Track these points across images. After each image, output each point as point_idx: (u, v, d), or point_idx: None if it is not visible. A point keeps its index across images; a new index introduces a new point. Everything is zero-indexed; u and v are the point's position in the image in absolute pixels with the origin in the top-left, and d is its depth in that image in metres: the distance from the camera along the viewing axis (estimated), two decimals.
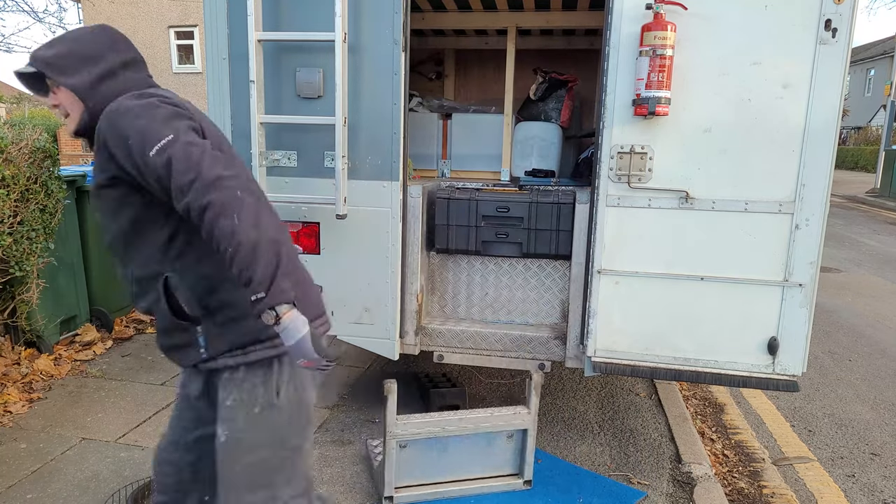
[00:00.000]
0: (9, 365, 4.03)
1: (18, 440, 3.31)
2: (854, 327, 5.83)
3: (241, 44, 3.04)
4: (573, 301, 3.23)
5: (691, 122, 2.79)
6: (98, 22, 17.44)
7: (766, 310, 2.86)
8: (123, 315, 5.15)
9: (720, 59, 2.72)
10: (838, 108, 2.68)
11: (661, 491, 3.02)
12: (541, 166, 4.25)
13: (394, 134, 3.05)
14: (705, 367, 2.95)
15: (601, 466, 3.22)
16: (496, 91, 4.90)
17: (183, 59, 17.86)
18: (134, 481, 2.88)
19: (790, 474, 3.40)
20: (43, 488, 2.89)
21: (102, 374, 4.18)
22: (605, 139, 2.87)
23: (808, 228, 2.76)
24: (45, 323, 4.25)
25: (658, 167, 2.84)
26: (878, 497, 3.19)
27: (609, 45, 2.80)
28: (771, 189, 2.77)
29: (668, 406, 3.92)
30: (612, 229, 2.94)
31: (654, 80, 2.67)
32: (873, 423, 3.99)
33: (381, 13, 2.96)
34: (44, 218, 4.00)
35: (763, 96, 2.72)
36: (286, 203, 3.15)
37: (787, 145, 2.73)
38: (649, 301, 2.95)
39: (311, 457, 1.80)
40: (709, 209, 2.83)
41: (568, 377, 4.35)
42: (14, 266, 3.83)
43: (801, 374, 2.89)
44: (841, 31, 2.61)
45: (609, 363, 3.04)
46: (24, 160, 3.88)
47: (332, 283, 3.22)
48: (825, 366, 4.89)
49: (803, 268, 2.79)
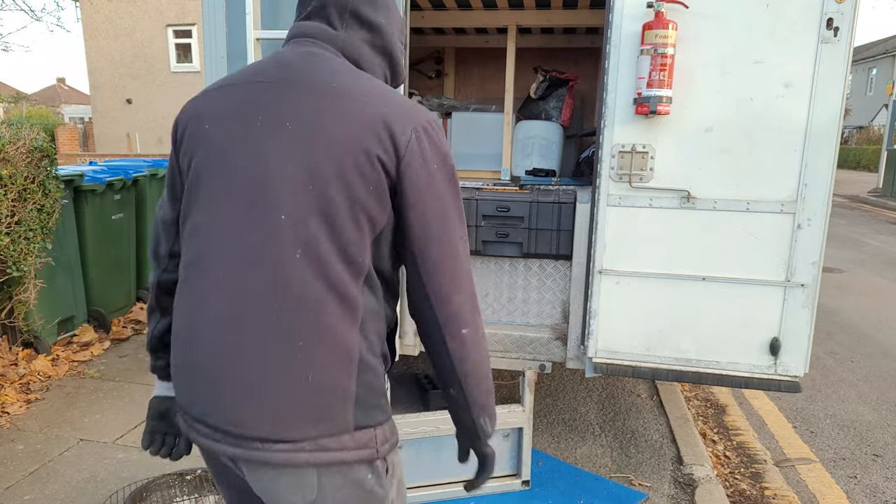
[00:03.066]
0: (6, 366, 4.01)
1: (16, 441, 3.29)
2: (856, 328, 5.81)
3: (239, 42, 3.01)
4: (574, 301, 3.21)
5: (693, 121, 2.77)
6: (97, 21, 17.44)
7: (768, 310, 2.84)
8: (121, 315, 5.13)
9: (722, 58, 2.70)
10: (840, 108, 2.66)
11: (662, 492, 3.00)
12: (541, 165, 4.23)
13: None
14: (707, 367, 2.93)
15: (602, 468, 3.20)
16: (496, 90, 4.88)
17: (181, 57, 17.82)
18: (132, 482, 2.86)
19: (792, 476, 3.38)
20: (41, 489, 2.87)
21: (100, 375, 4.16)
22: (605, 138, 2.85)
23: (810, 228, 2.74)
24: (42, 323, 4.23)
25: (659, 166, 2.82)
26: (880, 498, 3.17)
27: (610, 44, 2.78)
28: (773, 189, 2.75)
29: (670, 407, 3.90)
30: (614, 229, 2.92)
31: (655, 78, 2.65)
32: (875, 424, 3.97)
33: None
34: (41, 218, 3.98)
35: (765, 95, 2.69)
36: None
37: (789, 145, 2.71)
38: (651, 301, 2.93)
39: None
40: (710, 209, 2.81)
41: (569, 378, 4.33)
42: (11, 266, 3.81)
43: (803, 374, 2.87)
44: (843, 29, 2.59)
45: (610, 364, 3.02)
46: (21, 160, 3.87)
47: None
48: (827, 366, 4.87)
49: (805, 268, 2.77)
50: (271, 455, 1.07)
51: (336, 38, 1.23)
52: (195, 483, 2.83)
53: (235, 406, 1.09)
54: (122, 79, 18.00)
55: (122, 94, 18.13)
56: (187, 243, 1.18)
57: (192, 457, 3.19)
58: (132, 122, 18.23)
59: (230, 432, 1.10)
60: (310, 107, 1.11)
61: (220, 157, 1.14)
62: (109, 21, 17.64)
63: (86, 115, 24.93)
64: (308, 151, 1.09)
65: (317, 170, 1.08)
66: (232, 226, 1.11)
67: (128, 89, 18.06)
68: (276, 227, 1.07)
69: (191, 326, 1.15)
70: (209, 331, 1.12)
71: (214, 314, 1.11)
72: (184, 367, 1.16)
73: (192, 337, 1.14)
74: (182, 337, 1.16)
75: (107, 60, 17.94)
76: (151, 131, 18.19)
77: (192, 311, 1.15)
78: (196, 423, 1.15)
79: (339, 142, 1.08)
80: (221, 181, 1.13)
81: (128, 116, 18.24)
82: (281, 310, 1.07)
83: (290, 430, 1.07)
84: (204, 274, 1.13)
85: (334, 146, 1.08)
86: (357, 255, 1.10)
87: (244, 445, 1.09)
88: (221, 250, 1.11)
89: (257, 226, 1.09)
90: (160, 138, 18.14)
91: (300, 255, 1.06)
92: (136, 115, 18.19)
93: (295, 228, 1.07)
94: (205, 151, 1.15)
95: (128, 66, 17.89)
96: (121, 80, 18.00)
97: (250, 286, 1.09)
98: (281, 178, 1.08)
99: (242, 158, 1.12)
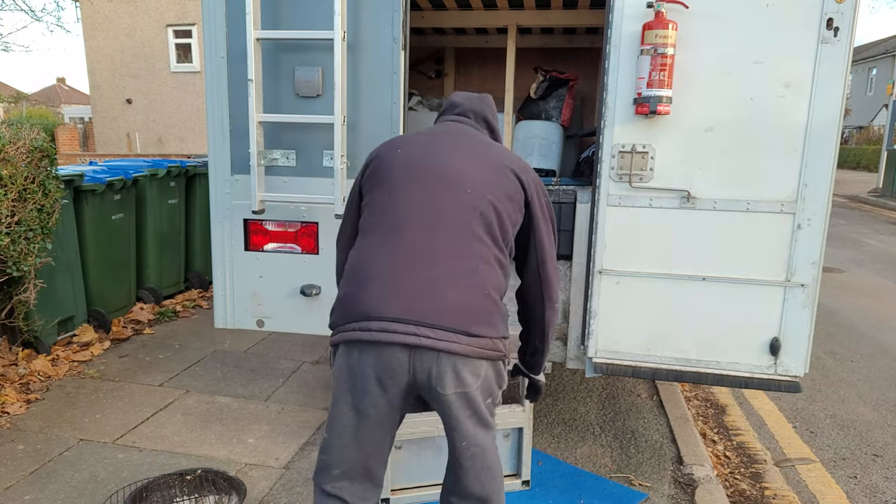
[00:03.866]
0: (6, 366, 4.01)
1: (16, 441, 3.29)
2: (856, 328, 5.81)
3: (239, 42, 3.02)
4: (574, 301, 3.21)
5: (693, 121, 2.77)
6: (96, 21, 17.43)
7: (768, 310, 2.84)
8: (121, 315, 5.13)
9: (722, 58, 2.70)
10: (840, 108, 2.66)
11: (662, 493, 3.00)
12: (541, 165, 4.23)
13: (393, 133, 3.03)
14: (707, 367, 2.93)
15: (602, 468, 3.20)
16: (496, 90, 4.88)
17: (181, 57, 17.80)
18: (132, 482, 2.86)
19: (792, 476, 3.38)
20: (41, 490, 2.87)
21: (100, 375, 4.16)
22: (606, 138, 2.85)
23: (811, 228, 2.74)
24: (42, 323, 4.23)
25: (659, 167, 2.82)
26: (880, 498, 3.17)
27: (610, 44, 2.78)
28: (773, 189, 2.75)
29: (670, 407, 3.90)
30: (614, 229, 2.91)
31: (655, 78, 2.65)
32: (875, 424, 3.97)
33: (380, 11, 2.94)
34: (41, 218, 3.98)
35: (765, 95, 2.69)
36: (284, 203, 3.13)
37: (789, 145, 2.71)
38: (651, 301, 2.93)
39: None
40: (710, 209, 2.81)
41: (569, 378, 4.33)
42: (11, 266, 3.81)
43: (803, 374, 2.87)
44: (843, 29, 2.59)
45: (610, 364, 3.01)
46: (21, 159, 3.86)
47: (331, 284, 3.20)
48: (827, 366, 4.87)
49: (805, 268, 2.77)
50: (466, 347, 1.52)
51: (473, 124, 1.98)
52: (195, 483, 2.83)
53: (435, 305, 1.51)
54: (122, 79, 17.99)
55: (122, 94, 18.12)
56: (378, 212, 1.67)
57: (192, 457, 3.20)
58: (132, 122, 18.22)
59: (432, 324, 1.50)
60: (477, 144, 1.82)
61: (411, 160, 1.72)
62: (109, 21, 17.63)
63: (86, 115, 24.92)
64: (482, 164, 1.74)
65: (488, 177, 1.71)
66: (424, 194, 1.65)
67: (128, 89, 18.05)
68: (461, 194, 1.65)
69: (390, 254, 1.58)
70: (409, 253, 1.57)
71: (411, 241, 1.58)
72: (381, 279, 1.56)
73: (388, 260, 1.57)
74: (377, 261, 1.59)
75: (107, 60, 17.93)
76: (151, 131, 18.19)
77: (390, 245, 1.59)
78: (392, 324, 1.50)
79: (499, 167, 1.75)
80: (415, 172, 1.69)
81: (128, 116, 18.24)
82: (466, 242, 1.60)
83: (476, 327, 1.54)
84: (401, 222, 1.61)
85: (497, 168, 1.75)
86: (506, 229, 1.70)
87: (442, 338, 1.50)
88: (419, 208, 1.62)
89: (447, 192, 1.65)
90: (160, 138, 18.15)
91: (478, 215, 1.63)
92: (136, 115, 18.18)
93: (474, 199, 1.65)
94: (398, 161, 1.73)
95: (128, 66, 17.88)
96: (121, 80, 17.99)
97: (444, 226, 1.60)
98: (467, 172, 1.69)
99: (435, 162, 1.71)
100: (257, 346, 4.78)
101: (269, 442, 3.36)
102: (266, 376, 4.23)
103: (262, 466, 3.12)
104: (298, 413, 3.70)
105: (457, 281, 1.54)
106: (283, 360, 4.53)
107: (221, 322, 3.37)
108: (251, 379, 4.18)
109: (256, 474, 3.05)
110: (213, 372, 4.28)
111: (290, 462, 3.17)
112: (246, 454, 3.23)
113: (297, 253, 3.22)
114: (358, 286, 1.57)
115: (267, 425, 3.54)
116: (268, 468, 3.11)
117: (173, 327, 5.19)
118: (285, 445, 3.32)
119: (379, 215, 1.66)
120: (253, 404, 3.81)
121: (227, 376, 4.22)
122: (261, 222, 3.23)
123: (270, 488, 2.94)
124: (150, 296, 5.46)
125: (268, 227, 3.23)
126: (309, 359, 4.56)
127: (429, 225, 1.60)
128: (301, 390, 4.02)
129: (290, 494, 2.90)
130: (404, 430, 2.71)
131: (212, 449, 3.27)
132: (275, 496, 2.88)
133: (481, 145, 1.81)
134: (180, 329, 5.15)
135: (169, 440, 3.35)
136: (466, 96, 2.03)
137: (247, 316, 3.33)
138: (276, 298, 3.28)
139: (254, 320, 3.33)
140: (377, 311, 1.51)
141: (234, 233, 3.25)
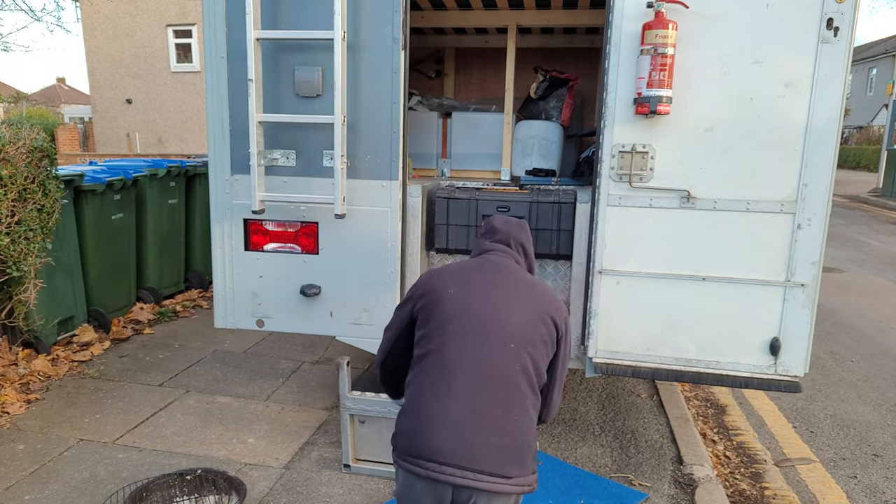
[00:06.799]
0: (6, 365, 4.01)
1: (16, 441, 3.29)
2: (856, 328, 5.81)
3: (239, 42, 3.02)
4: (574, 301, 3.21)
5: (693, 121, 2.77)
6: (96, 21, 17.43)
7: (768, 310, 2.84)
8: (121, 315, 5.13)
9: (722, 58, 2.70)
10: (840, 107, 2.66)
11: (662, 492, 3.00)
12: (541, 165, 4.23)
13: (393, 133, 3.03)
14: (707, 367, 2.93)
15: (602, 468, 3.20)
16: (496, 90, 4.88)
17: (181, 57, 17.79)
18: (132, 482, 2.86)
19: (792, 476, 3.38)
20: (41, 489, 2.87)
21: (100, 375, 4.16)
22: (606, 138, 2.85)
23: (810, 228, 2.74)
24: (42, 323, 4.23)
25: (659, 166, 2.82)
26: (880, 498, 3.17)
27: (610, 44, 2.78)
28: (773, 189, 2.75)
29: (670, 407, 3.90)
30: (614, 229, 2.92)
31: (655, 78, 2.65)
32: (875, 424, 3.97)
33: (380, 11, 2.94)
34: (41, 218, 3.98)
35: (765, 95, 2.70)
36: (284, 203, 3.13)
37: (789, 144, 2.71)
38: (651, 301, 2.93)
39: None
40: (710, 209, 2.81)
41: (569, 378, 4.33)
42: (11, 266, 3.81)
43: (803, 374, 2.87)
44: (842, 29, 2.59)
45: (610, 364, 3.02)
46: (21, 159, 3.86)
47: (331, 284, 3.21)
48: (827, 366, 4.87)
49: (805, 268, 2.78)
50: (500, 486, 1.82)
51: (512, 254, 2.15)
52: (195, 483, 2.83)
53: (478, 452, 1.81)
54: (122, 79, 17.99)
55: (122, 94, 18.11)
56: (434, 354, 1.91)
57: (191, 457, 3.20)
58: (132, 122, 18.22)
59: (476, 468, 1.80)
60: (520, 285, 2.01)
61: (463, 307, 1.92)
62: (109, 21, 17.62)
63: (86, 115, 24.91)
64: (525, 311, 1.94)
65: (529, 325, 1.92)
66: (475, 346, 1.89)
67: (128, 89, 18.04)
68: (506, 350, 1.89)
69: (448, 405, 1.84)
70: (459, 401, 1.83)
71: (461, 390, 1.84)
72: (436, 424, 1.84)
73: (442, 406, 1.84)
74: (437, 407, 1.85)
75: (107, 60, 17.93)
76: (151, 131, 18.18)
77: (447, 395, 1.85)
78: (442, 466, 1.81)
79: (539, 313, 1.95)
80: (466, 322, 1.90)
81: (128, 116, 18.23)
82: (506, 394, 1.86)
83: (510, 469, 1.83)
84: (458, 372, 1.86)
85: (537, 314, 1.95)
86: (541, 372, 1.96)
87: (481, 479, 1.80)
88: (474, 360, 1.87)
89: (493, 347, 1.88)
90: (160, 138, 18.14)
91: (519, 367, 1.89)
92: (136, 115, 18.18)
93: (516, 353, 1.89)
94: (450, 303, 1.94)
95: (128, 66, 17.88)
96: (121, 80, 17.99)
97: (491, 379, 1.86)
98: (512, 321, 1.91)
99: (484, 314, 1.92)
100: (257, 346, 4.78)
101: (269, 442, 3.36)
102: (266, 376, 4.23)
103: (262, 466, 3.12)
104: (298, 413, 3.70)
105: (498, 431, 1.83)
106: (283, 360, 4.53)
107: (221, 322, 3.37)
108: (251, 379, 4.18)
109: (256, 474, 3.05)
110: (213, 372, 4.28)
111: (290, 462, 3.17)
112: (246, 454, 3.23)
113: (297, 253, 3.22)
114: (420, 426, 1.87)
115: (267, 425, 3.54)
116: (268, 468, 3.11)
117: (173, 327, 5.19)
118: (285, 445, 3.32)
119: (437, 359, 1.91)
120: (253, 404, 3.81)
121: (227, 376, 4.22)
122: (261, 222, 3.23)
123: (270, 488, 2.94)
124: (150, 296, 5.46)
125: (268, 227, 3.24)
126: (309, 359, 4.56)
127: (479, 377, 1.86)
128: (301, 390, 4.02)
129: (290, 494, 2.90)
130: (366, 408, 2.98)
131: (212, 449, 3.27)
132: (275, 496, 2.88)
133: (523, 287, 2.01)
134: (180, 329, 5.15)
135: (169, 440, 3.35)
136: (505, 221, 2.20)
137: (247, 316, 3.33)
138: (276, 298, 3.28)
139: (254, 320, 3.33)
140: (434, 455, 1.83)
141: (234, 233, 3.26)
